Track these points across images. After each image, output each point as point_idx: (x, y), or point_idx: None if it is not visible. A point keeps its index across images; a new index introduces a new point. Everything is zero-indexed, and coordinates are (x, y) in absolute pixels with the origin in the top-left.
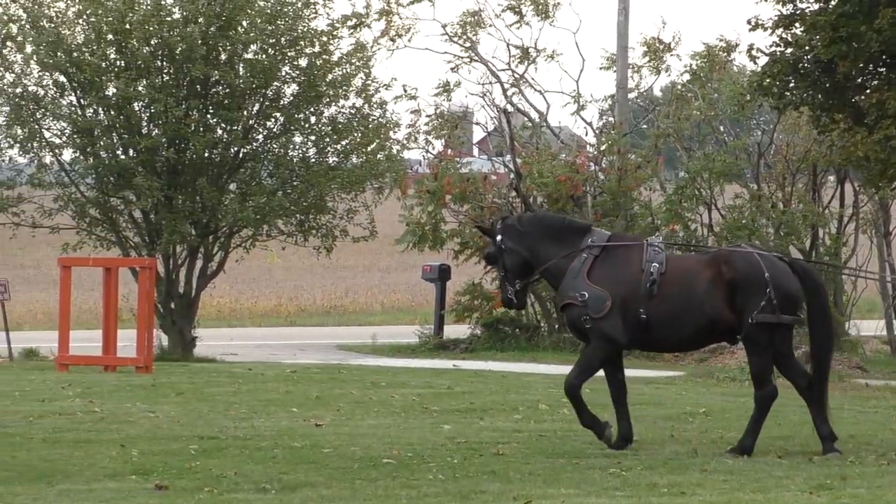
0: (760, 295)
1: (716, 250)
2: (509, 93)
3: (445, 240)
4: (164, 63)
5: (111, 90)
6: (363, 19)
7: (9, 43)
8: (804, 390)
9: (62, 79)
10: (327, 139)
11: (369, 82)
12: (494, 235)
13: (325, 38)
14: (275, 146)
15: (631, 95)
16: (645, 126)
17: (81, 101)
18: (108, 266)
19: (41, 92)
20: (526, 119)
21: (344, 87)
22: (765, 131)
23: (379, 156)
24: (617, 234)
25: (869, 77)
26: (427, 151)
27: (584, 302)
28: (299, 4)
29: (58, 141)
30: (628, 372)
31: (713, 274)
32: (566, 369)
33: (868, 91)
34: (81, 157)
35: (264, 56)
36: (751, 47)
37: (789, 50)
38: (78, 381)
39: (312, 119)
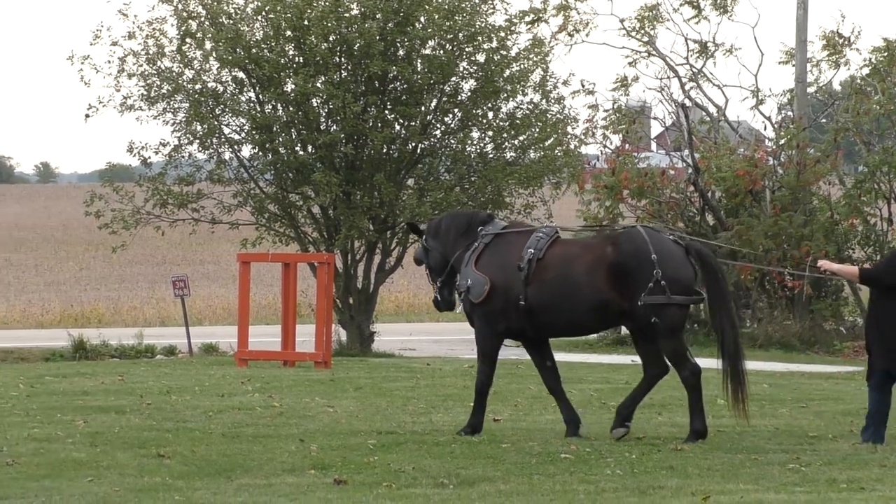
0: (648, 277)
1: (605, 233)
2: (687, 87)
3: None
4: (343, 59)
5: (290, 86)
6: (541, 14)
7: (188, 40)
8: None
9: (241, 75)
10: (505, 134)
11: (547, 77)
12: (421, 235)
13: (502, 34)
14: (452, 142)
15: (810, 90)
16: (824, 120)
17: (260, 97)
18: (287, 261)
19: (220, 88)
20: (704, 114)
21: (521, 83)
22: None
23: (556, 151)
24: (514, 223)
25: None
26: (604, 146)
27: (467, 288)
28: (477, 0)
29: (237, 137)
30: (813, 368)
31: (596, 257)
32: (745, 365)
33: None
34: (260, 153)
35: (442, 52)
36: None
37: None
38: (257, 376)
39: (490, 114)
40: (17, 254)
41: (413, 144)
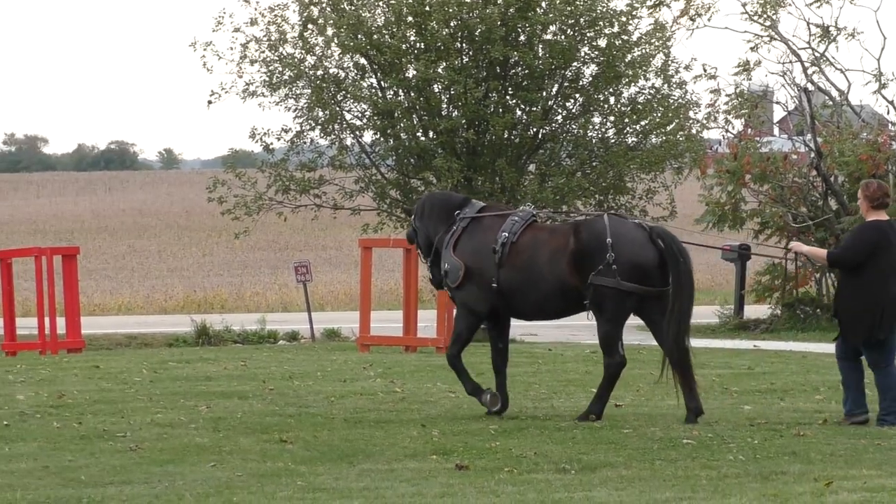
0: (600, 259)
1: (574, 220)
2: (809, 71)
3: (745, 219)
4: (464, 44)
5: (411, 72)
6: None
7: (310, 26)
8: (671, 361)
9: (363, 61)
10: (626, 119)
11: (669, 62)
12: (412, 215)
13: (623, 18)
14: (574, 127)
15: None
16: None
17: (382, 83)
18: (408, 247)
19: (342, 74)
20: (826, 98)
21: (643, 68)
22: None
23: (678, 136)
24: (490, 206)
25: None
26: (727, 131)
27: (445, 272)
28: None
29: (358, 123)
30: None
31: (560, 243)
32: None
33: None
34: (382, 139)
35: (563, 37)
36: None
37: None
38: (379, 361)
39: (612, 99)
40: (140, 240)
41: (534, 130)
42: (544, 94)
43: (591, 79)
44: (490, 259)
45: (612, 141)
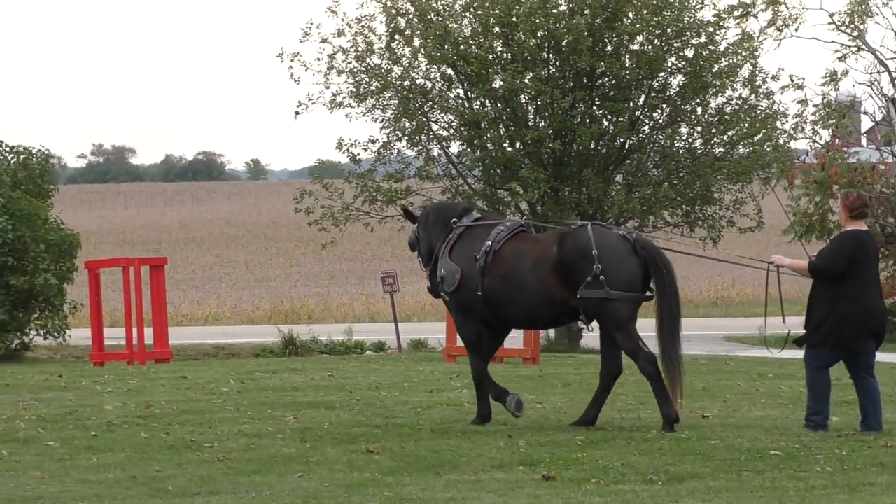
0: (587, 272)
1: (560, 230)
2: None
3: (832, 230)
4: (551, 55)
5: (498, 83)
6: (749, 9)
7: (397, 37)
8: (602, 375)
9: (449, 72)
10: (713, 130)
11: (756, 72)
12: (415, 221)
13: (711, 29)
14: (661, 137)
15: None
16: None
17: (468, 93)
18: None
19: (429, 85)
20: None
21: (730, 78)
22: None
23: (766, 146)
24: (487, 215)
25: None
26: (814, 141)
27: (441, 278)
28: None
29: (445, 133)
30: None
31: (543, 253)
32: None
33: None
34: (468, 150)
35: (650, 47)
36: None
37: None
38: (465, 371)
39: (699, 110)
40: (228, 251)
41: (621, 140)
42: (631, 104)
43: (678, 89)
44: (475, 267)
45: (699, 151)
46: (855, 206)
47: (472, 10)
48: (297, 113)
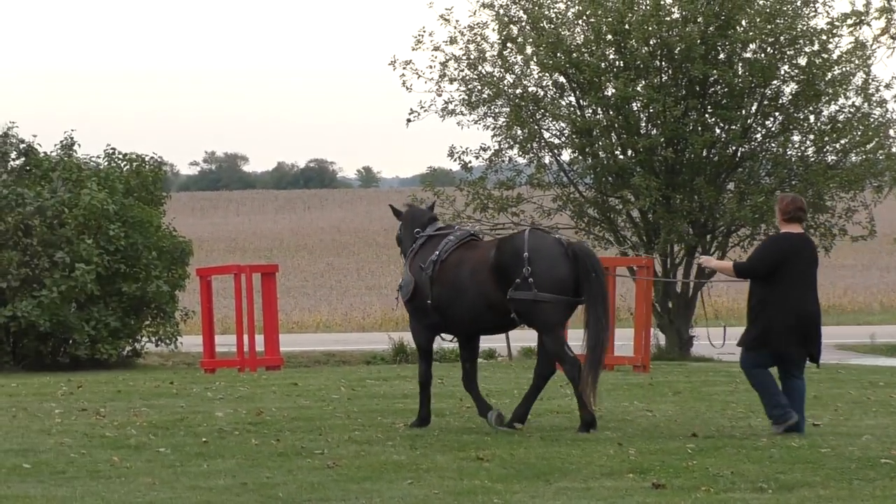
0: (518, 274)
1: (501, 236)
2: None
3: None
4: (663, 63)
5: (610, 90)
6: (863, 17)
7: (509, 44)
8: (535, 375)
9: (561, 79)
10: (826, 138)
11: (869, 80)
12: (400, 220)
13: (824, 37)
14: (773, 145)
15: None
16: None
17: (580, 101)
18: (607, 265)
19: (541, 93)
20: None
21: (843, 86)
22: None
23: (878, 154)
24: (447, 226)
25: None
26: None
27: (400, 286)
28: (798, 3)
29: (557, 141)
30: None
31: (482, 258)
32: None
33: None
34: (580, 157)
35: (763, 55)
36: None
37: None
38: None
39: (811, 118)
40: (339, 258)
41: (733, 148)
42: (743, 112)
43: (790, 97)
44: (425, 276)
45: (812, 159)
46: (788, 210)
47: (584, 17)
48: (408, 120)
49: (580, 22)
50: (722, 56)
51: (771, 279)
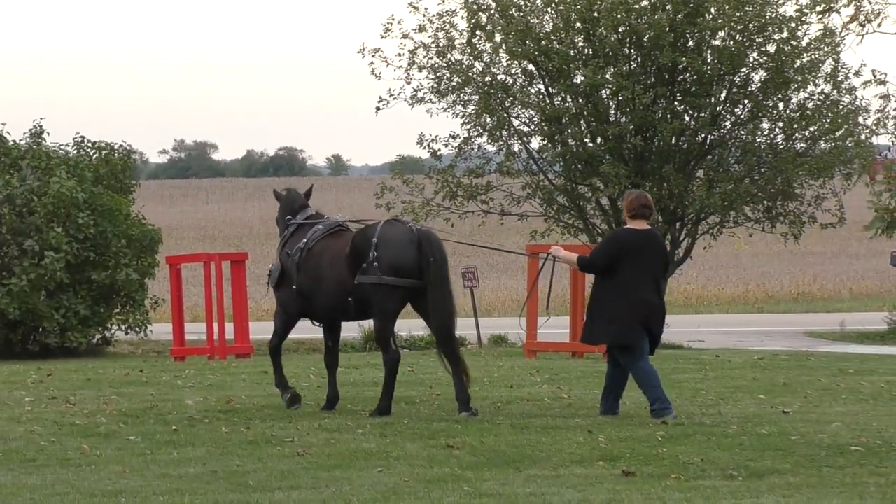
0: (366, 259)
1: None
2: None
3: None
4: (632, 50)
5: (579, 78)
6: (832, 4)
7: (478, 32)
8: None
9: (531, 67)
10: (795, 125)
11: (838, 68)
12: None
13: (793, 24)
14: (742, 133)
15: None
16: None
17: (550, 89)
18: (577, 253)
19: (510, 80)
20: None
21: (812, 73)
22: None
23: (847, 142)
24: (316, 214)
25: None
26: None
27: (269, 272)
28: None
29: (526, 129)
30: None
31: (340, 249)
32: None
33: None
34: (549, 145)
35: (732, 42)
36: None
37: None
38: (545, 367)
39: (780, 105)
40: None
41: (703, 136)
42: (713, 99)
43: (759, 84)
44: (292, 264)
45: (781, 147)
46: (632, 207)
47: (553, 5)
48: (377, 108)
49: (549, 10)
50: (691, 44)
51: (611, 273)
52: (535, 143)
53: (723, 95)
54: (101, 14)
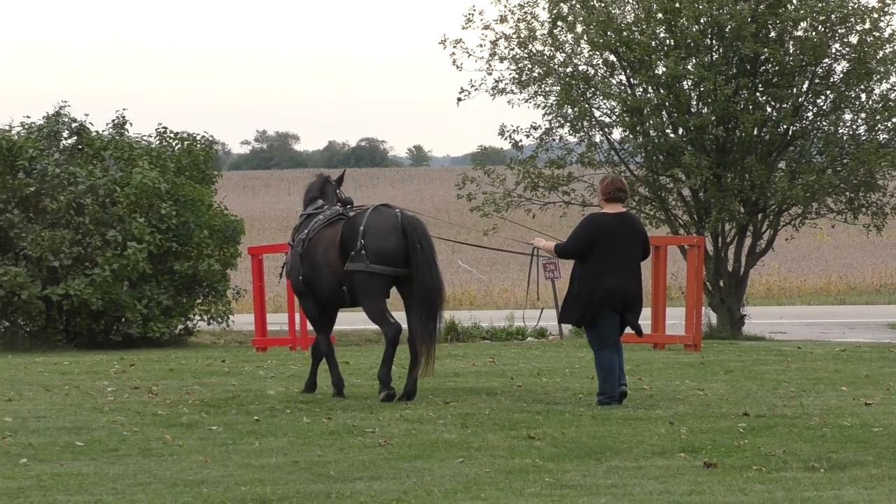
0: (354, 247)
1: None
2: None
3: None
4: (714, 41)
5: (661, 69)
6: None
7: (560, 23)
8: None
9: (612, 58)
10: (878, 116)
11: None
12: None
13: (875, 15)
14: (824, 124)
15: None
16: None
17: (631, 80)
18: (657, 244)
19: (591, 71)
20: None
21: (895, 64)
22: None
23: None
24: (323, 205)
25: None
26: None
27: (284, 263)
28: None
29: (607, 120)
30: None
31: (333, 237)
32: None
33: None
34: (631, 136)
35: (814, 33)
36: None
37: None
38: (626, 358)
39: (863, 96)
40: None
41: (784, 127)
42: (794, 90)
43: (841, 75)
44: (297, 255)
45: (864, 138)
46: (607, 191)
47: None
48: (459, 99)
49: (631, 0)
50: (773, 34)
51: (587, 257)
52: (617, 133)
53: (805, 86)
54: (188, 6)
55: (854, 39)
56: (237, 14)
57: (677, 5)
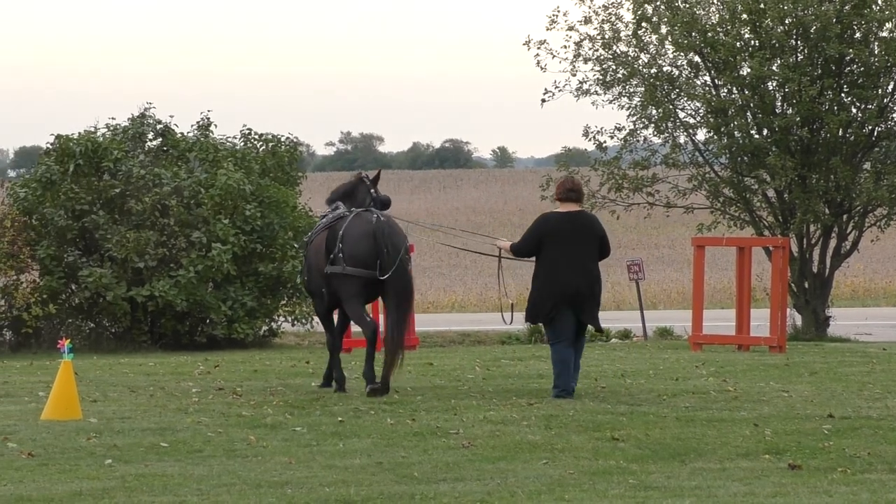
0: (333, 251)
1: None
2: None
3: None
4: (799, 42)
5: (745, 70)
6: None
7: (644, 24)
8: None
9: (697, 59)
10: None
11: None
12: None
13: None
14: None
15: None
16: None
17: (716, 80)
18: (742, 245)
19: (676, 72)
20: None
21: None
22: None
23: None
24: (335, 209)
25: None
26: None
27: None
28: None
29: (692, 121)
30: None
31: (321, 241)
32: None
33: None
34: (715, 137)
35: None
36: None
37: None
38: (711, 360)
39: None
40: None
41: (870, 127)
42: (880, 91)
43: None
44: (303, 258)
45: None
46: (560, 191)
47: None
48: (543, 100)
49: (715, 1)
50: (858, 35)
51: (540, 256)
52: (701, 135)
53: (890, 87)
54: (274, 15)
55: None
56: (316, 17)
57: (762, 6)
